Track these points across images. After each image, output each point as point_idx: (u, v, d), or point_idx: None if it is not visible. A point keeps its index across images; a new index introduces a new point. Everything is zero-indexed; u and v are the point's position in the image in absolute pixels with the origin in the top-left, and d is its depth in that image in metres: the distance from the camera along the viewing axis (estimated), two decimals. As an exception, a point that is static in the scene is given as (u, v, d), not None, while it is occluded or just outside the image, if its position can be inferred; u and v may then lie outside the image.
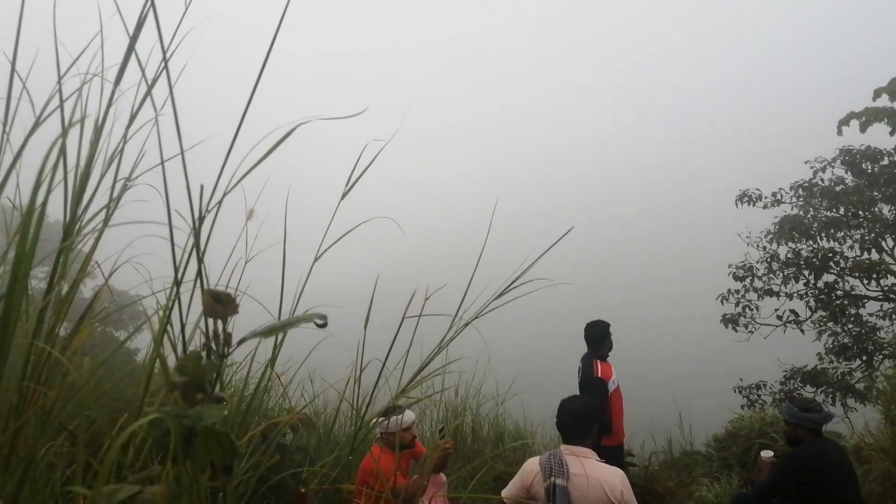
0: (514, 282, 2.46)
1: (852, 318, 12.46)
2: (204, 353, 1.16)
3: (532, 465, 4.07)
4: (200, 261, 1.42)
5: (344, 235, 2.36)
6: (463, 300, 2.33)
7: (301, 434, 4.85)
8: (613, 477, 3.80)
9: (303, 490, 1.61)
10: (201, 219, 1.46)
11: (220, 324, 1.18)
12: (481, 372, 8.93)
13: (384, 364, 2.19)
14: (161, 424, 0.98)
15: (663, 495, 7.70)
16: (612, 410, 6.59)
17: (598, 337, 6.81)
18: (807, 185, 13.26)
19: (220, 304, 1.14)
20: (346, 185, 2.32)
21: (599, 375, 6.56)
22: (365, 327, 2.17)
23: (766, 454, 5.69)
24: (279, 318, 2.24)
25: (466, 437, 8.99)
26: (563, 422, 4.08)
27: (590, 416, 4.08)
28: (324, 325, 1.20)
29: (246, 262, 2.43)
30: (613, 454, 6.37)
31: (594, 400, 5.39)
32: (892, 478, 6.33)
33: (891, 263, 12.06)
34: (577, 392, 6.38)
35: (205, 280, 1.47)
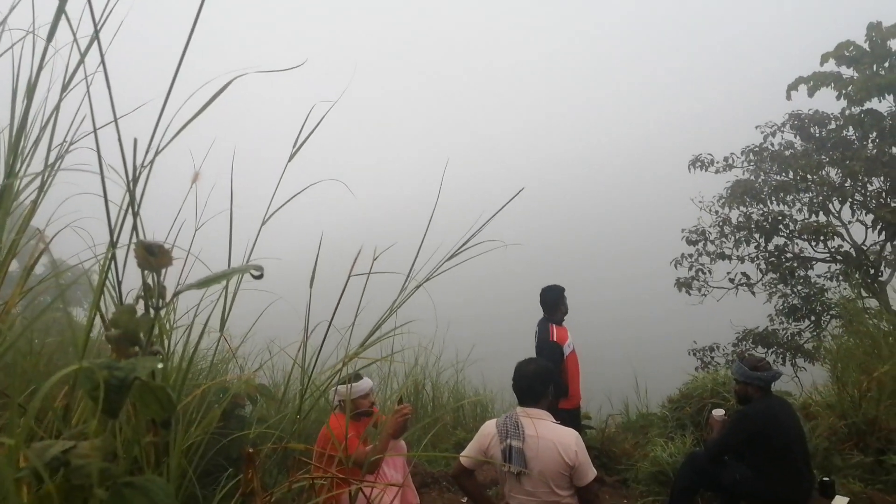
0: (465, 243, 2.46)
1: (801, 280, 12.80)
2: (141, 307, 1.14)
3: (489, 427, 4.12)
4: (136, 215, 1.39)
5: (292, 198, 2.33)
6: (415, 262, 2.32)
7: (261, 405, 4.83)
8: (568, 438, 3.85)
9: (251, 450, 1.60)
10: (135, 179, 1.43)
11: (155, 276, 1.15)
12: (441, 340, 8.98)
13: (331, 323, 2.18)
14: (91, 376, 0.96)
15: (620, 456, 7.85)
16: (568, 374, 6.68)
17: (552, 301, 6.87)
18: (757, 149, 13.51)
19: (154, 256, 1.12)
20: (294, 146, 2.29)
21: (555, 339, 6.64)
22: (311, 286, 2.15)
23: (718, 413, 5.83)
24: (226, 288, 2.21)
25: (427, 404, 9.05)
26: (519, 384, 4.12)
27: (544, 378, 4.12)
28: (259, 277, 1.18)
29: (196, 230, 2.38)
30: (570, 417, 6.48)
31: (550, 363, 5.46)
32: (837, 433, 6.53)
33: (838, 225, 12.38)
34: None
35: (142, 235, 1.44)
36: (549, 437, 3.83)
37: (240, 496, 1.83)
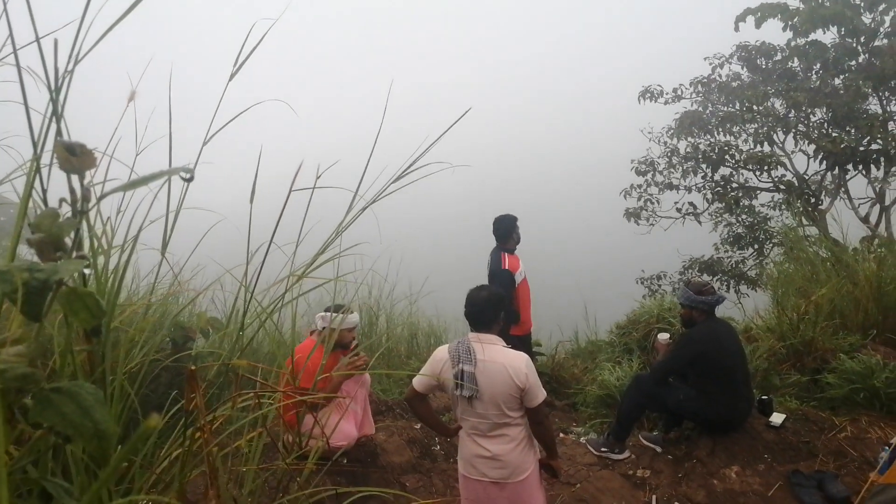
0: (413, 164, 2.42)
1: (746, 209, 13.05)
2: (67, 212, 1.08)
3: (441, 353, 4.14)
4: (60, 119, 1.31)
5: (235, 118, 2.25)
6: (362, 179, 2.28)
7: (213, 338, 4.77)
8: (518, 361, 3.89)
9: (192, 367, 1.57)
10: (58, 87, 1.34)
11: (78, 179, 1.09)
12: (395, 273, 8.99)
13: (271, 240, 2.14)
14: (9, 278, 0.90)
15: (569, 381, 8.06)
16: (519, 301, 6.76)
17: (505, 231, 6.90)
18: (705, 80, 13.59)
19: (75, 156, 1.05)
20: (234, 66, 2.20)
21: (507, 267, 6.69)
22: (251, 201, 2.10)
23: (663, 336, 5.98)
24: (168, 207, 2.14)
25: (381, 335, 9.11)
26: (471, 310, 4.13)
27: (496, 304, 4.13)
28: (190, 179, 1.13)
29: (136, 155, 2.30)
30: (522, 343, 6.60)
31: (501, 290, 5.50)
32: (776, 354, 6.79)
33: (781, 155, 12.62)
34: (487, 285, 6.50)
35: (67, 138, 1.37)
36: (499, 360, 3.87)
37: (185, 420, 1.80)
